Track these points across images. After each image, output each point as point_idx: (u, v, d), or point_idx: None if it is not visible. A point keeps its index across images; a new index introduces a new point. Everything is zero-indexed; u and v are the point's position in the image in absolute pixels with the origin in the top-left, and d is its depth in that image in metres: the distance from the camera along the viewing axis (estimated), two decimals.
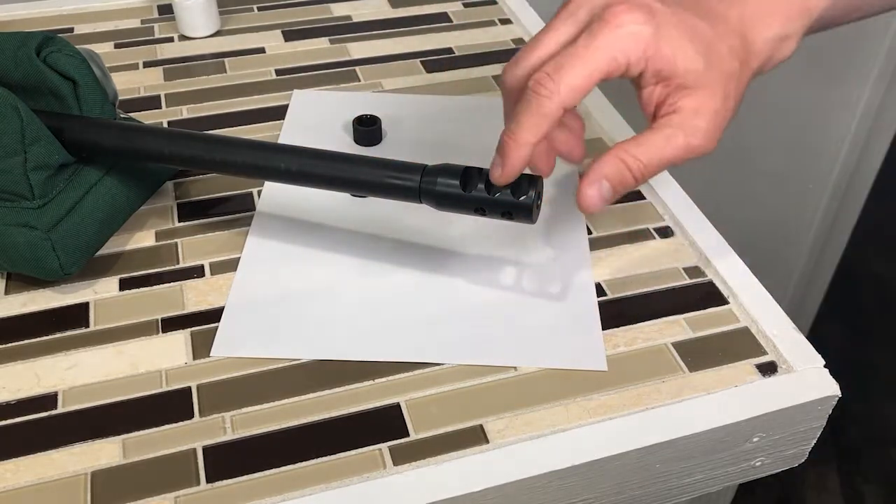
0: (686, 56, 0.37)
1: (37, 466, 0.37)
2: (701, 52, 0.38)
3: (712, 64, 0.38)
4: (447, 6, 0.73)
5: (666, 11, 0.38)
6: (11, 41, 0.45)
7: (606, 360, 0.41)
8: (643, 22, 0.36)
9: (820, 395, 0.40)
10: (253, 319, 0.43)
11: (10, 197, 0.44)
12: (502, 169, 0.38)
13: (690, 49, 0.37)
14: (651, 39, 0.37)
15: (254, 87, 0.62)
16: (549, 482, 0.37)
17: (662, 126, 0.38)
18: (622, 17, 0.36)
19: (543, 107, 0.37)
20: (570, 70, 0.36)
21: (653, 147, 0.38)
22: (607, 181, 0.38)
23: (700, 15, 0.39)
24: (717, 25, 0.39)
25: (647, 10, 0.37)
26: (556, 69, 0.36)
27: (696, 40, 0.38)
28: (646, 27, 0.36)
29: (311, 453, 0.37)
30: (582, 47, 0.36)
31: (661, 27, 0.37)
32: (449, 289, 0.45)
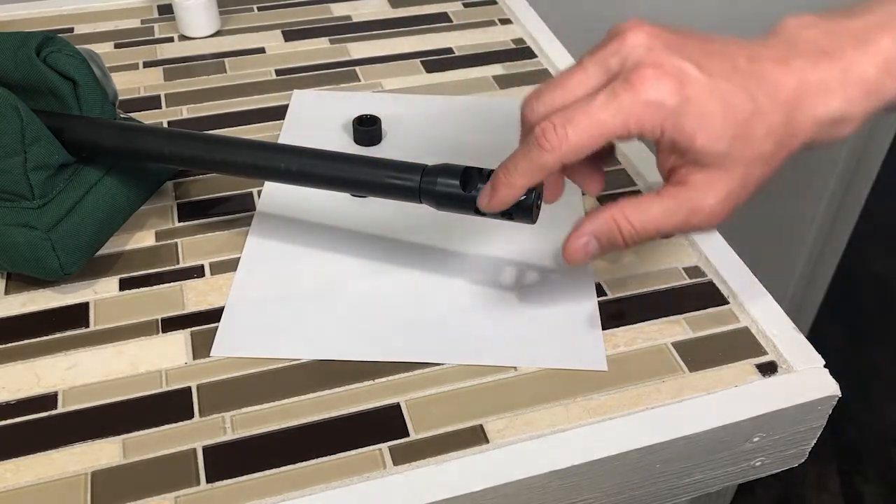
0: (709, 135, 0.35)
1: (37, 466, 0.37)
2: (729, 132, 0.35)
3: (739, 145, 0.35)
4: (447, 6, 0.73)
5: (701, 81, 0.35)
6: (11, 41, 0.45)
7: (606, 360, 0.41)
8: (669, 93, 0.34)
9: (820, 395, 0.40)
10: (253, 319, 0.43)
11: (10, 197, 0.44)
12: (489, 200, 0.38)
13: (717, 128, 0.35)
14: (672, 113, 0.34)
15: (254, 87, 0.62)
16: (549, 482, 0.37)
17: (667, 196, 0.37)
18: (648, 84, 0.34)
19: (542, 158, 0.36)
20: (578, 127, 0.35)
21: (650, 216, 0.37)
22: (595, 239, 0.38)
23: (747, 81, 0.35)
24: (761, 98, 0.35)
25: (678, 79, 0.34)
26: (564, 122, 0.35)
27: (727, 118, 0.35)
28: (670, 99, 0.34)
29: (311, 453, 0.37)
30: (597, 107, 0.35)
31: (688, 100, 0.34)
32: (449, 289, 0.45)
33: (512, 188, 0.37)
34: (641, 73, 0.34)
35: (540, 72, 0.63)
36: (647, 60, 0.35)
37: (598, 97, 0.35)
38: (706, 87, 0.34)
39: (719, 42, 0.37)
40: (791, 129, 0.36)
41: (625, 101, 0.34)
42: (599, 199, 0.51)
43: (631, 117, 0.35)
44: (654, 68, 0.34)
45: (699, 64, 0.35)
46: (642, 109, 0.34)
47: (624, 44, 0.36)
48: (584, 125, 0.35)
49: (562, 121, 0.35)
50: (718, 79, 0.35)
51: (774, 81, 0.35)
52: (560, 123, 0.35)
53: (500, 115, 0.59)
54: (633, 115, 0.34)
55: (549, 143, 0.35)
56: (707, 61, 0.35)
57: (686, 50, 0.35)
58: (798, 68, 0.36)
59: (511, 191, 0.37)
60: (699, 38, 0.37)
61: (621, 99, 0.34)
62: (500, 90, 0.62)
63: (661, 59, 0.35)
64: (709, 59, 0.35)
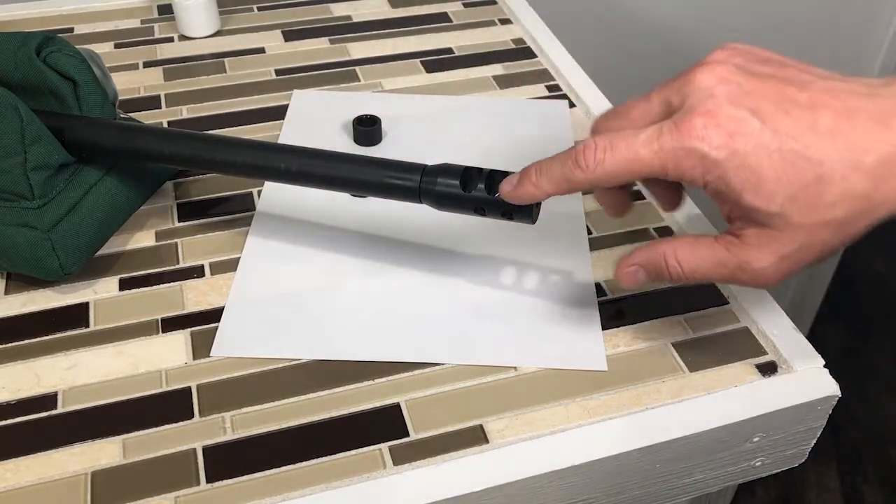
0: (757, 194, 0.33)
1: (37, 466, 0.37)
2: (783, 194, 0.32)
3: (799, 209, 0.33)
4: (447, 6, 0.73)
5: (757, 137, 0.32)
6: (11, 41, 0.45)
7: (606, 360, 0.41)
8: (715, 146, 0.32)
9: (820, 395, 0.40)
10: (253, 319, 0.43)
11: (10, 197, 0.44)
12: (512, 190, 0.38)
13: (767, 188, 0.32)
14: (715, 165, 0.33)
15: (254, 87, 0.62)
16: (549, 482, 0.37)
17: (720, 246, 0.35)
18: (694, 133, 0.33)
19: (574, 175, 0.35)
20: (617, 156, 0.34)
21: (700, 262, 0.36)
22: (644, 270, 0.38)
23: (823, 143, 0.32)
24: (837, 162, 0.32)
25: (729, 132, 0.32)
26: (606, 147, 0.34)
27: (782, 180, 0.32)
28: (715, 152, 0.32)
29: (311, 453, 0.37)
30: (640, 142, 0.34)
31: (736, 155, 0.32)
32: (449, 289, 0.45)
33: (537, 189, 0.37)
34: (691, 121, 0.33)
35: (540, 72, 0.63)
36: (701, 108, 0.33)
37: (646, 132, 0.34)
38: (761, 144, 0.32)
39: (814, 88, 0.33)
40: (877, 198, 0.32)
41: (667, 143, 0.33)
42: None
43: (670, 161, 0.33)
44: (707, 118, 0.33)
45: (765, 117, 0.32)
46: (683, 156, 0.33)
47: (691, 82, 0.34)
48: (622, 156, 0.34)
49: (604, 144, 0.35)
50: (783, 136, 0.32)
51: (865, 144, 0.32)
52: (602, 147, 0.35)
53: (500, 115, 0.59)
54: (672, 159, 0.33)
55: (586, 163, 0.35)
56: (778, 114, 0.32)
57: (758, 97, 0.33)
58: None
59: (535, 191, 0.37)
60: (789, 81, 0.34)
61: (664, 140, 0.33)
62: (500, 90, 0.62)
63: (719, 108, 0.33)
64: (783, 111, 0.32)
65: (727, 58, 0.34)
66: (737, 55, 0.35)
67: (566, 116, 0.59)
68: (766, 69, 0.34)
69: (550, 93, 0.61)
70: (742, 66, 0.34)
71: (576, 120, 0.58)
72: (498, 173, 0.39)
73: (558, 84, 0.62)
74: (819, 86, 0.33)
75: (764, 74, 0.34)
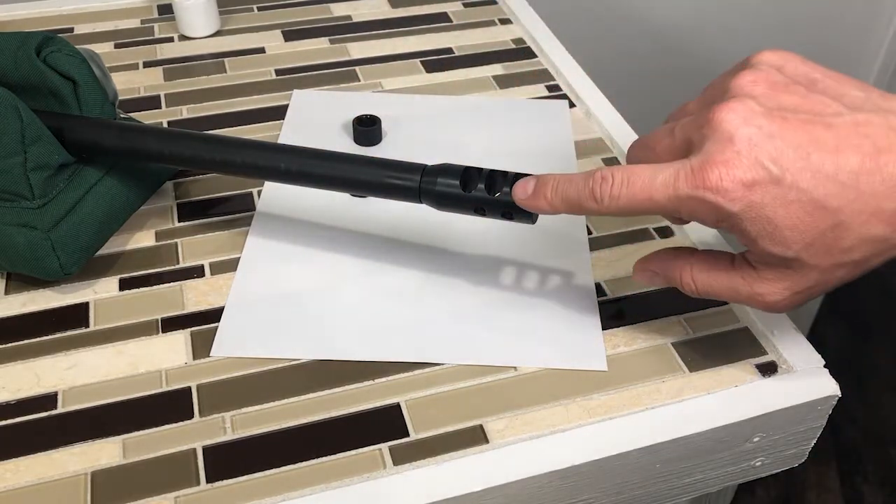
0: (772, 242, 0.32)
1: (37, 466, 0.37)
2: (799, 242, 0.32)
3: (815, 254, 0.32)
4: (447, 6, 0.73)
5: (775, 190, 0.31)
6: (11, 41, 0.45)
7: (606, 360, 0.41)
8: (733, 199, 0.32)
9: (820, 395, 0.40)
10: (253, 319, 0.43)
11: (10, 197, 0.44)
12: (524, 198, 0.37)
13: (783, 237, 0.32)
14: (730, 216, 0.32)
15: (254, 87, 0.62)
16: (549, 482, 0.37)
17: (736, 272, 0.35)
18: (711, 184, 0.32)
19: (588, 203, 0.35)
20: (632, 194, 0.34)
21: (714, 284, 0.36)
22: (660, 276, 0.38)
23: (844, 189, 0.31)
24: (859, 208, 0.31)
25: (747, 183, 0.31)
26: (623, 182, 0.34)
27: (798, 229, 0.32)
28: (731, 204, 0.32)
29: (311, 453, 0.37)
30: (657, 184, 0.33)
31: (752, 206, 0.32)
32: (449, 289, 0.45)
33: (549, 206, 0.37)
34: (708, 171, 0.32)
35: (540, 72, 0.63)
36: (719, 156, 0.32)
37: (663, 174, 0.33)
38: (779, 196, 0.31)
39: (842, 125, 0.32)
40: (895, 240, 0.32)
41: (682, 190, 0.32)
42: None
43: (684, 207, 0.33)
44: (724, 168, 0.31)
45: (786, 166, 0.31)
46: (697, 204, 0.33)
47: (711, 123, 0.32)
48: (638, 195, 0.34)
49: (621, 180, 0.34)
50: (803, 187, 0.31)
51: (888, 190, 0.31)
52: (619, 182, 0.34)
53: (500, 115, 0.59)
54: (686, 205, 0.33)
55: (601, 195, 0.35)
56: (799, 163, 0.31)
57: (780, 143, 0.31)
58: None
59: (547, 207, 0.37)
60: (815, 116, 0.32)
61: (679, 186, 0.32)
62: (500, 90, 0.62)
63: (738, 157, 0.31)
64: (805, 156, 0.31)
65: (751, 87, 0.33)
66: (762, 81, 0.33)
67: (566, 116, 0.59)
68: (793, 99, 0.33)
69: (550, 93, 0.61)
70: (766, 100, 0.32)
71: (576, 120, 0.58)
72: (498, 173, 0.39)
73: (558, 84, 0.62)
74: (848, 120, 0.32)
75: (789, 108, 0.32)
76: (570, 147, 0.56)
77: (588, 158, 0.55)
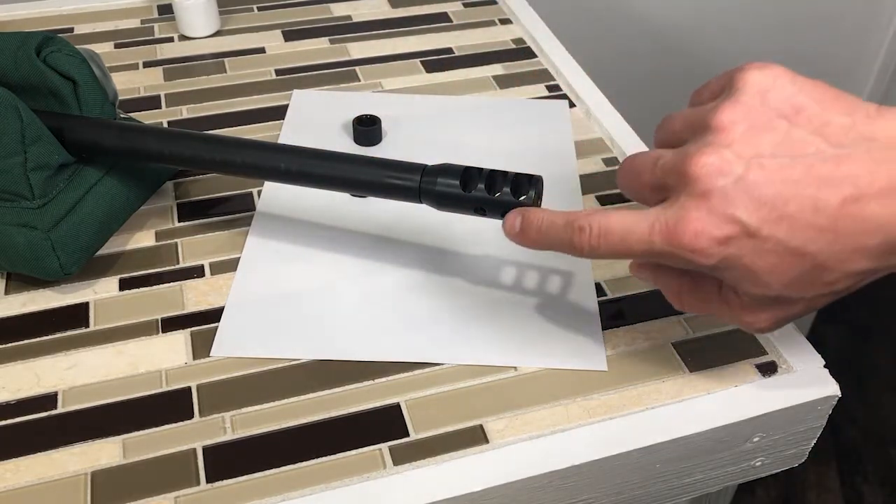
0: (753, 286, 0.33)
1: (37, 466, 0.37)
2: (779, 284, 0.32)
3: (797, 290, 0.32)
4: (447, 6, 0.73)
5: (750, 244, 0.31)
6: (11, 41, 0.45)
7: (606, 360, 0.41)
8: (708, 255, 0.31)
9: (820, 395, 0.40)
10: (253, 319, 0.43)
11: (10, 197, 0.44)
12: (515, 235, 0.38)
13: (762, 281, 0.32)
14: (706, 267, 0.32)
15: (254, 87, 0.62)
16: (549, 482, 0.37)
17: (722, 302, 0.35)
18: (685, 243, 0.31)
19: (572, 252, 0.36)
20: (610, 244, 0.34)
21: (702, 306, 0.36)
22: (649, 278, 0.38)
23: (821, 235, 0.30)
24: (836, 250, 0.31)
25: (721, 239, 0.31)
26: (601, 234, 0.34)
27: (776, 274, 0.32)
28: (706, 260, 0.32)
29: (311, 453, 0.37)
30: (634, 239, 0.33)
31: (728, 258, 0.32)
32: (449, 289, 0.45)
33: (536, 246, 0.37)
34: (683, 228, 0.31)
35: (540, 72, 0.63)
36: (694, 212, 0.31)
37: (640, 227, 0.33)
38: (755, 248, 0.31)
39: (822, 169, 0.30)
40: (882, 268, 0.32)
41: (657, 245, 0.32)
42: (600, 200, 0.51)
43: (661, 258, 0.33)
44: (699, 224, 0.31)
45: (762, 219, 0.31)
46: (674, 258, 0.33)
47: (688, 172, 0.32)
48: (615, 246, 0.34)
49: (599, 231, 0.34)
50: (779, 238, 0.31)
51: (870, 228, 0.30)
52: (596, 234, 0.34)
53: (500, 115, 0.59)
54: (663, 258, 0.33)
55: (581, 246, 0.35)
56: (774, 214, 0.31)
57: (757, 193, 0.31)
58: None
59: (534, 246, 0.37)
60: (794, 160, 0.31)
61: (654, 241, 0.32)
62: (500, 90, 0.62)
63: (712, 212, 0.31)
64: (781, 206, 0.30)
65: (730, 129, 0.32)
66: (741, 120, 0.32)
67: (566, 116, 0.59)
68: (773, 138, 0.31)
69: (550, 93, 0.61)
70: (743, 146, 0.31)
71: (576, 120, 0.58)
72: (498, 173, 0.39)
73: (558, 84, 0.62)
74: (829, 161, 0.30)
75: (767, 153, 0.31)
76: (570, 147, 0.56)
77: (588, 158, 0.55)
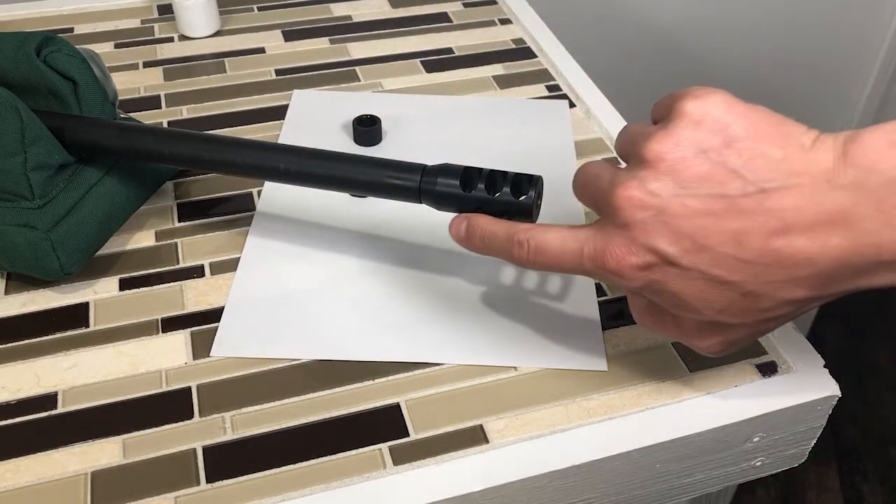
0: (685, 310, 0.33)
1: (37, 466, 0.37)
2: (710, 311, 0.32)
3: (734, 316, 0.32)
4: (447, 6, 0.73)
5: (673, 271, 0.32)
6: (11, 41, 0.45)
7: (606, 360, 0.41)
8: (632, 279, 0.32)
9: (820, 395, 0.40)
10: (253, 319, 0.43)
11: (10, 197, 0.44)
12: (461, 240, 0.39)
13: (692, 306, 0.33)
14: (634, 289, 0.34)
15: (254, 87, 0.62)
16: (549, 482, 0.37)
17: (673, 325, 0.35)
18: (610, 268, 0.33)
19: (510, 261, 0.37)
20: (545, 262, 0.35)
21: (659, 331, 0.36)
22: None
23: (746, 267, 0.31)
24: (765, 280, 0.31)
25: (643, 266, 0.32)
26: (536, 252, 0.35)
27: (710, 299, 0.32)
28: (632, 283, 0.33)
29: (311, 453, 0.37)
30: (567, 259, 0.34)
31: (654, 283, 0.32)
32: (449, 289, 0.45)
33: (479, 252, 0.39)
34: (606, 255, 0.33)
35: (540, 72, 0.63)
36: (616, 241, 0.32)
37: (571, 247, 0.34)
38: (678, 275, 0.32)
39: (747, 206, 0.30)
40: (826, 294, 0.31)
41: (586, 266, 0.34)
42: None
43: (593, 277, 0.35)
44: (620, 252, 0.32)
45: (683, 248, 0.31)
46: (604, 278, 0.34)
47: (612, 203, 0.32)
48: (550, 263, 0.35)
49: (535, 247, 0.35)
50: (702, 268, 0.31)
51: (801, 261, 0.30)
52: (533, 250, 0.36)
53: (500, 115, 0.59)
54: (595, 277, 0.34)
55: (519, 258, 0.36)
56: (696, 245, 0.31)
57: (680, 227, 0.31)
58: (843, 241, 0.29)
59: (478, 252, 0.39)
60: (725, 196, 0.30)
61: (584, 263, 0.34)
62: (500, 90, 0.62)
63: (633, 242, 0.32)
64: (703, 239, 0.31)
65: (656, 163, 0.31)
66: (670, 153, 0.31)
67: (566, 116, 0.59)
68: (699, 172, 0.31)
69: (550, 93, 0.61)
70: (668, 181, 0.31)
71: (576, 120, 0.58)
72: (498, 173, 0.39)
73: (558, 84, 0.62)
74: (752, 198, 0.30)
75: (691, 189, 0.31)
76: (570, 147, 0.56)
77: (588, 158, 0.55)
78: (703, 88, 0.33)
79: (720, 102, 0.32)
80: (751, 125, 0.31)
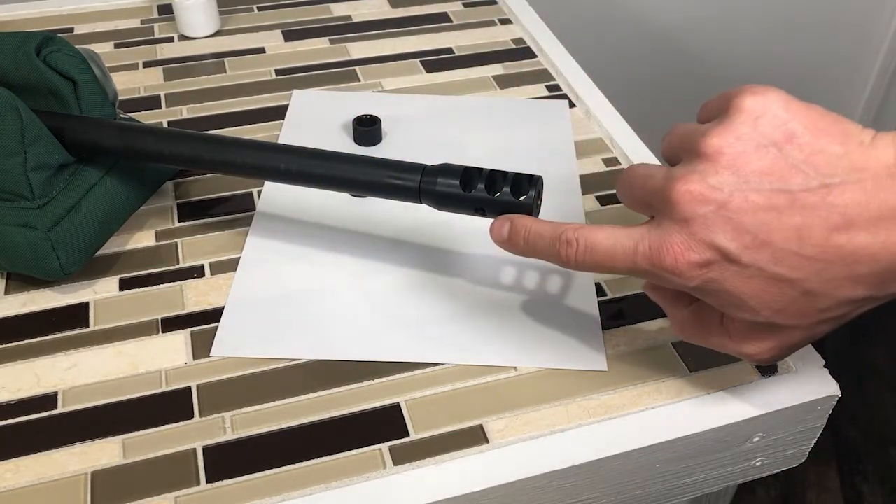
0: (739, 311, 0.32)
1: (37, 466, 0.37)
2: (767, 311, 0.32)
3: (790, 318, 0.32)
4: (447, 6, 0.73)
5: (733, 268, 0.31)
6: (11, 41, 0.45)
7: (606, 360, 0.41)
8: (689, 277, 0.31)
9: (820, 395, 0.40)
10: (253, 319, 0.43)
11: (10, 197, 0.44)
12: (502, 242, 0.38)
13: (749, 307, 0.32)
14: (689, 289, 0.33)
15: (254, 87, 0.62)
16: (549, 482, 0.37)
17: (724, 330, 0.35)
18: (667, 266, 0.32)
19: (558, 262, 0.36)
20: (594, 259, 0.34)
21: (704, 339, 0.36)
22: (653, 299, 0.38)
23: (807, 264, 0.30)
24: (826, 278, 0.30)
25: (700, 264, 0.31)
26: (587, 248, 0.34)
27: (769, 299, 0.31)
28: (688, 282, 0.32)
29: (311, 453, 0.37)
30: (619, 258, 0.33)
31: (712, 283, 0.32)
32: (449, 289, 0.45)
33: (523, 253, 0.38)
34: (663, 252, 0.32)
35: (540, 72, 0.63)
36: (676, 237, 0.31)
37: (624, 245, 0.33)
38: (738, 273, 0.31)
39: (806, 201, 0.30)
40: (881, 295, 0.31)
41: (640, 265, 0.33)
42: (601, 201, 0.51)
43: (646, 277, 0.34)
44: (678, 249, 0.31)
45: (744, 246, 0.30)
46: (657, 278, 0.33)
47: (671, 197, 0.31)
48: (601, 262, 0.34)
49: (585, 246, 0.35)
50: (762, 264, 0.30)
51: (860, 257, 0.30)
52: (583, 248, 0.35)
53: (500, 115, 0.59)
54: (648, 276, 0.33)
55: (566, 257, 0.35)
56: (758, 241, 0.30)
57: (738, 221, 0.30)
58: None
59: (521, 253, 0.38)
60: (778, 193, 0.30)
61: (638, 261, 0.33)
62: (500, 90, 0.62)
63: (693, 238, 0.31)
64: (764, 235, 0.30)
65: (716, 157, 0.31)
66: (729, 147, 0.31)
67: (566, 116, 0.59)
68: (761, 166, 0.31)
69: (550, 93, 0.61)
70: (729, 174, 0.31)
71: (576, 120, 0.58)
72: (498, 173, 0.39)
73: (558, 84, 0.62)
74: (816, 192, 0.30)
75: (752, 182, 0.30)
76: (570, 147, 0.56)
77: (588, 158, 0.55)
78: (760, 86, 0.32)
79: (778, 99, 0.32)
80: (810, 122, 0.31)
